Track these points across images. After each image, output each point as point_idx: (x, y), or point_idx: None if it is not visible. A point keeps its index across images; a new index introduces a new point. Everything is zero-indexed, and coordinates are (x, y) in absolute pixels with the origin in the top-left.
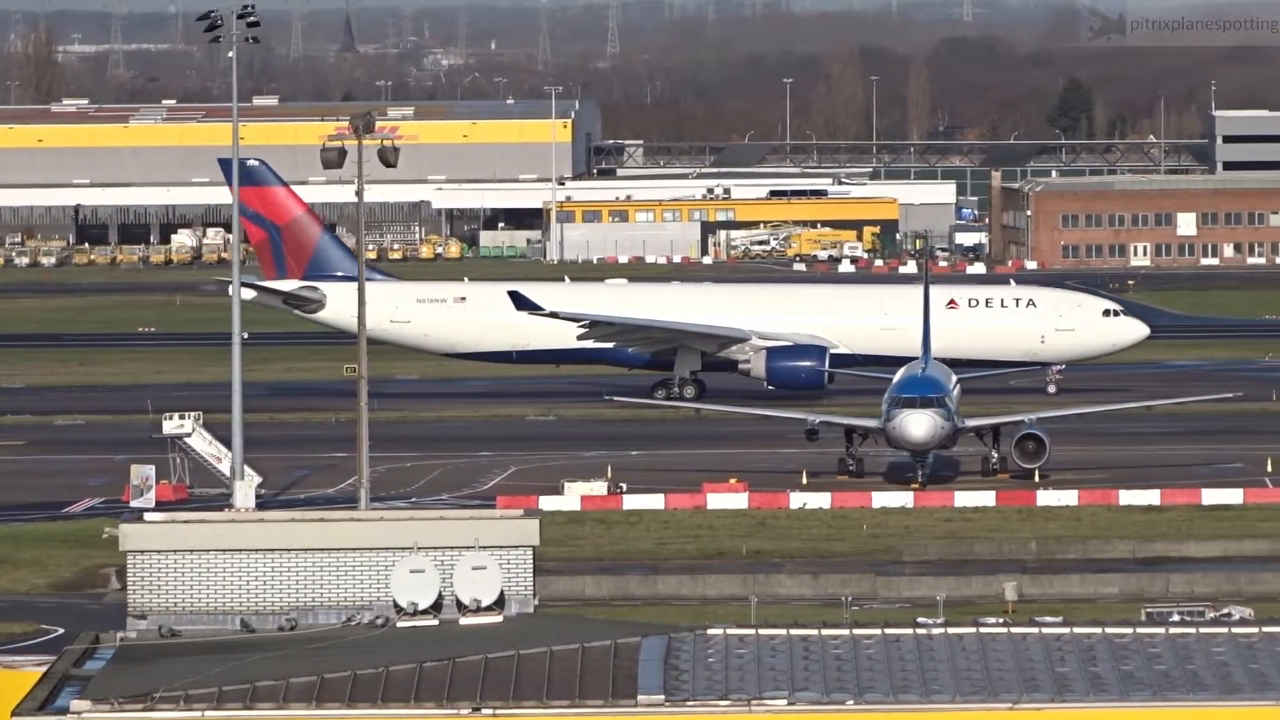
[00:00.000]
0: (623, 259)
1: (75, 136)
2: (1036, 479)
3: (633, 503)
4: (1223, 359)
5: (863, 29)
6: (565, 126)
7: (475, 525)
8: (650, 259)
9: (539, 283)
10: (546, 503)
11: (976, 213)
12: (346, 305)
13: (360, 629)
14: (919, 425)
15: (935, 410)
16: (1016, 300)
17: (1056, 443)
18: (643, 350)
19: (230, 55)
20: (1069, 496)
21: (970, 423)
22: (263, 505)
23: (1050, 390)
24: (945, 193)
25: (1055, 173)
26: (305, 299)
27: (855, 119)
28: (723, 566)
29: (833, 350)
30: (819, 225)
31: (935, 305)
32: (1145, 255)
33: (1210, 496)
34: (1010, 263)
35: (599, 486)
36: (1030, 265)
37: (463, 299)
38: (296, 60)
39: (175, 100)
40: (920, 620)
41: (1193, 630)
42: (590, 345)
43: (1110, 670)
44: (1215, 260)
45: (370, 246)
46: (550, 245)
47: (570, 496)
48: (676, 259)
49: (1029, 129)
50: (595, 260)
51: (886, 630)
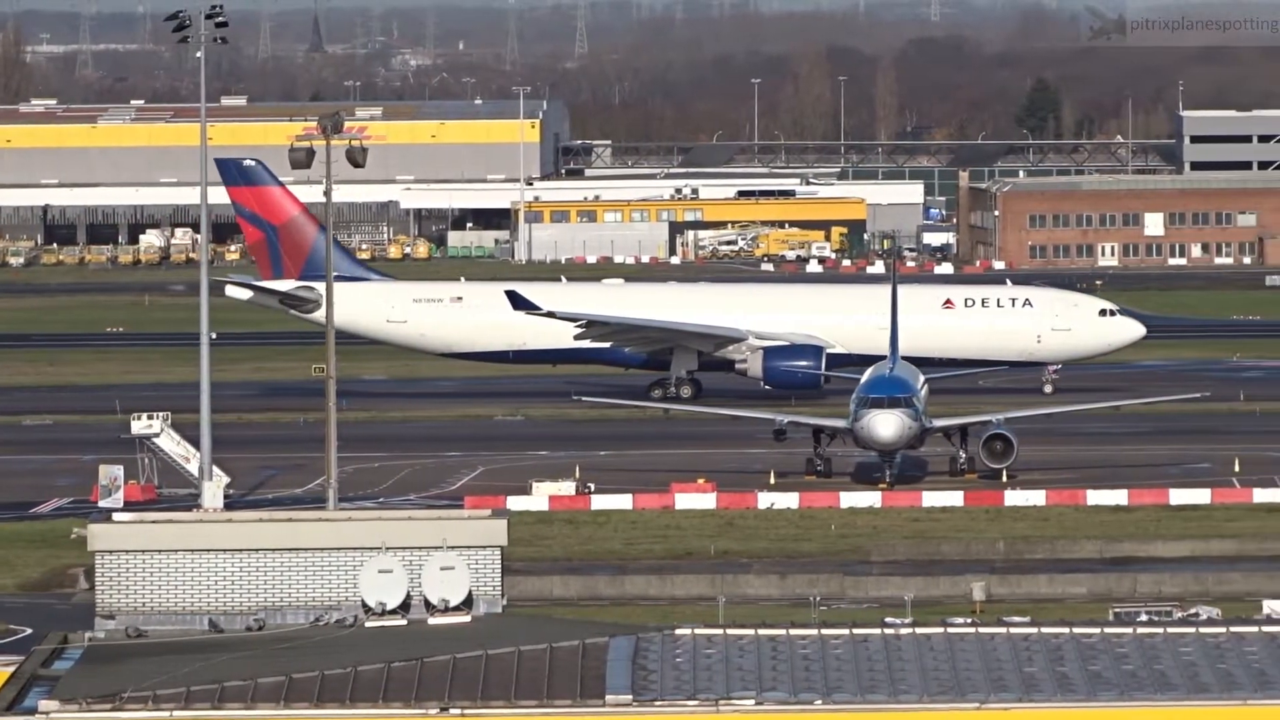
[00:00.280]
0: (590, 259)
1: (43, 136)
2: (1004, 479)
3: (601, 503)
4: (1190, 359)
5: (830, 29)
6: (533, 127)
7: (443, 525)
8: (618, 259)
9: (536, 282)
10: (514, 503)
11: (944, 213)
12: (344, 305)
13: (328, 629)
14: (887, 425)
15: (903, 410)
16: (1013, 300)
17: (1024, 443)
18: (639, 350)
19: (199, 55)
20: (1037, 496)
21: (938, 423)
22: (231, 505)
23: (1046, 390)
24: (913, 193)
25: (1023, 173)
26: (302, 299)
27: (823, 119)
28: (690, 566)
29: (829, 350)
30: (787, 225)
31: (931, 305)
32: (1113, 255)
33: (1178, 496)
34: (978, 263)
35: (567, 487)
36: (998, 265)
37: (459, 299)
38: (265, 60)
39: (144, 100)
40: (888, 620)
41: (1160, 630)
42: (587, 345)
43: (1078, 670)
44: (1183, 260)
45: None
46: (518, 245)
47: (538, 497)
48: (644, 259)
49: (996, 129)
50: (563, 260)
51: (854, 630)
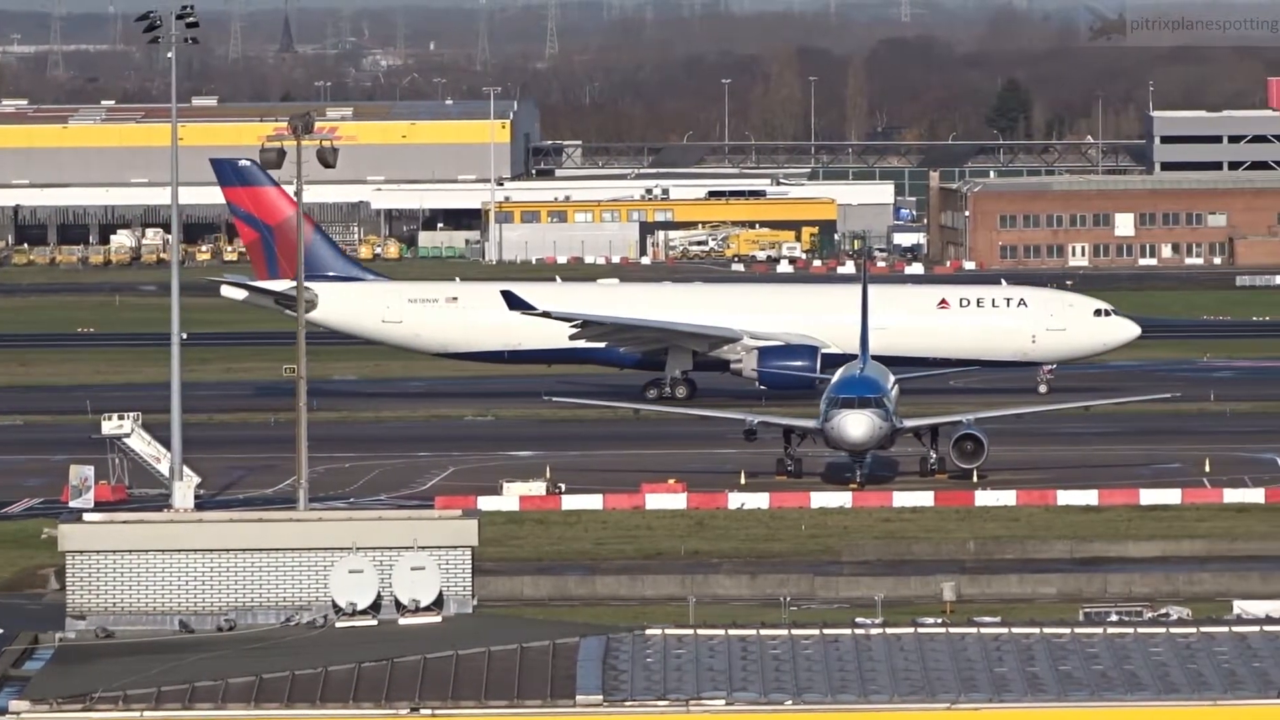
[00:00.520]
0: (561, 259)
1: (14, 137)
2: (975, 479)
3: (571, 503)
4: (1161, 359)
5: (801, 30)
6: (504, 127)
7: (414, 526)
8: (589, 259)
9: (531, 283)
10: (485, 503)
11: (914, 213)
12: (339, 305)
13: (299, 629)
14: (857, 425)
15: (873, 410)
16: (1008, 300)
17: (995, 443)
18: (634, 350)
19: (169, 56)
20: (1007, 497)
21: (908, 423)
22: (201, 506)
23: (1041, 390)
24: (883, 193)
25: (993, 173)
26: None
27: (793, 120)
28: (661, 567)
29: (824, 350)
30: (757, 226)
31: (927, 305)
32: (1083, 256)
33: (1148, 497)
34: (949, 263)
35: (537, 487)
36: (968, 266)
37: (454, 299)
38: (235, 61)
39: (114, 101)
40: (858, 620)
41: (1130, 630)
42: (582, 345)
43: (1048, 670)
44: (1153, 260)
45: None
46: (488, 246)
47: (509, 497)
48: (615, 259)
49: (967, 130)
50: (534, 261)
51: (825, 630)
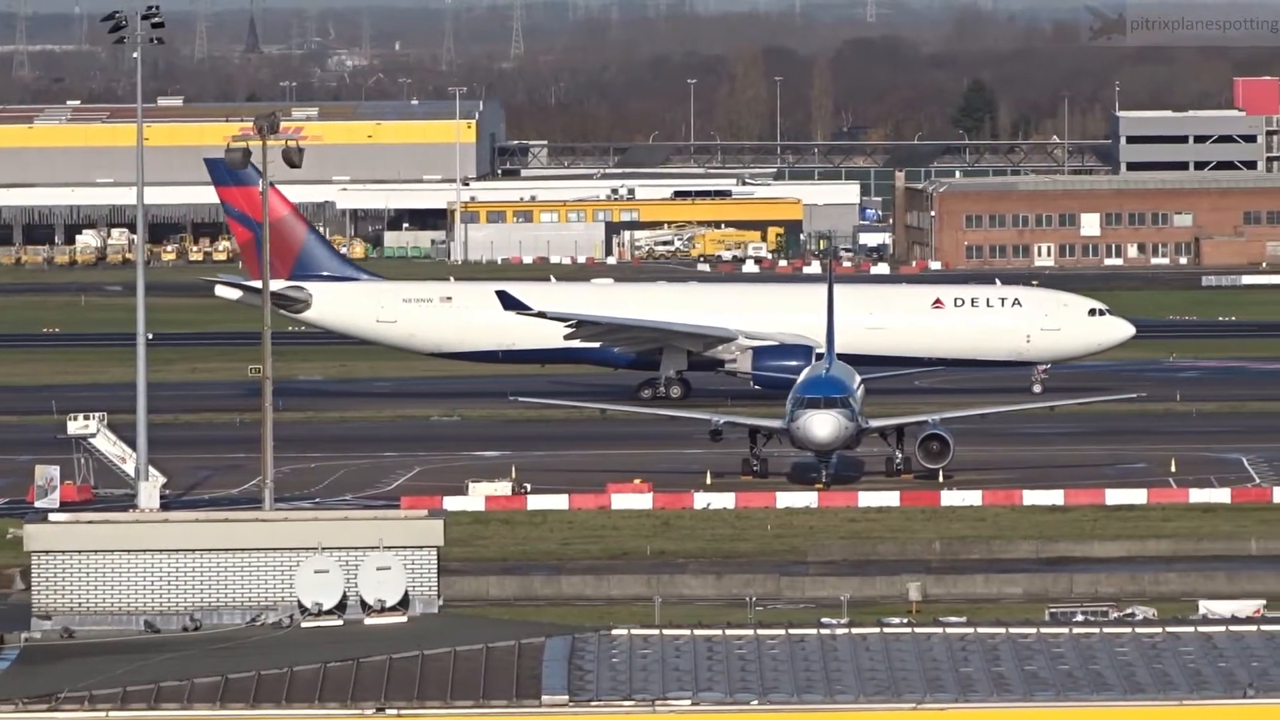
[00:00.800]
0: (527, 259)
1: None
2: (940, 479)
3: (537, 503)
4: (1127, 359)
5: (766, 30)
6: (469, 127)
7: (379, 526)
8: (554, 259)
9: (525, 282)
10: (451, 503)
11: (880, 213)
12: (333, 305)
13: (265, 629)
14: (823, 426)
15: (839, 410)
16: (1002, 300)
17: (960, 443)
18: (629, 350)
19: (135, 56)
20: (973, 497)
21: (874, 423)
22: (167, 506)
23: (1035, 390)
24: (849, 193)
25: (959, 173)
26: (291, 299)
27: (759, 120)
28: (627, 567)
29: (819, 350)
30: (723, 226)
31: (922, 305)
32: (1049, 256)
33: (1114, 497)
34: (914, 263)
35: (503, 487)
36: (934, 266)
37: (449, 299)
38: (201, 61)
39: (80, 101)
40: (824, 620)
41: (1096, 630)
42: (577, 345)
43: (1014, 670)
44: (1119, 260)
45: None
46: (454, 246)
47: (475, 497)
48: (581, 259)
49: (933, 130)
50: (499, 261)
51: (790, 630)
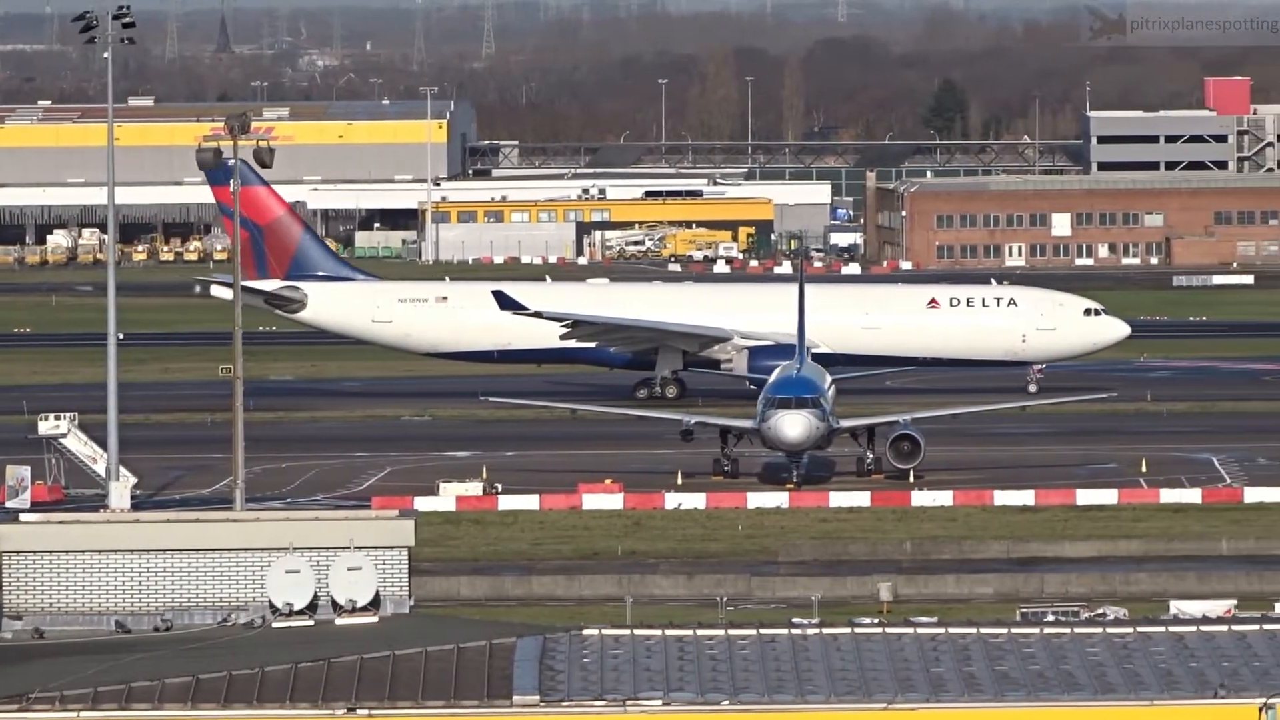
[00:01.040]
0: (498, 259)
1: None
2: (911, 479)
3: (508, 503)
4: (1098, 359)
5: (737, 30)
6: (440, 127)
7: (350, 526)
8: (526, 259)
9: (521, 282)
10: (422, 503)
11: (851, 213)
12: (329, 305)
13: (236, 629)
14: (794, 426)
15: (810, 411)
16: (998, 299)
17: (932, 443)
18: (625, 350)
19: (106, 56)
20: (944, 497)
21: (845, 423)
22: (138, 506)
23: (1031, 389)
24: (820, 193)
25: (930, 173)
26: (287, 299)
27: (730, 119)
28: (598, 567)
29: (815, 350)
30: (694, 225)
31: (917, 305)
32: (1020, 255)
33: (1085, 497)
34: (885, 263)
35: (474, 487)
36: (905, 266)
37: (444, 299)
38: (172, 61)
39: (51, 101)
40: (795, 620)
41: (1067, 630)
42: (573, 345)
43: (985, 670)
44: (1090, 260)
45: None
46: (425, 246)
47: (445, 497)
48: (552, 259)
49: (904, 130)
50: (470, 261)
51: (761, 630)
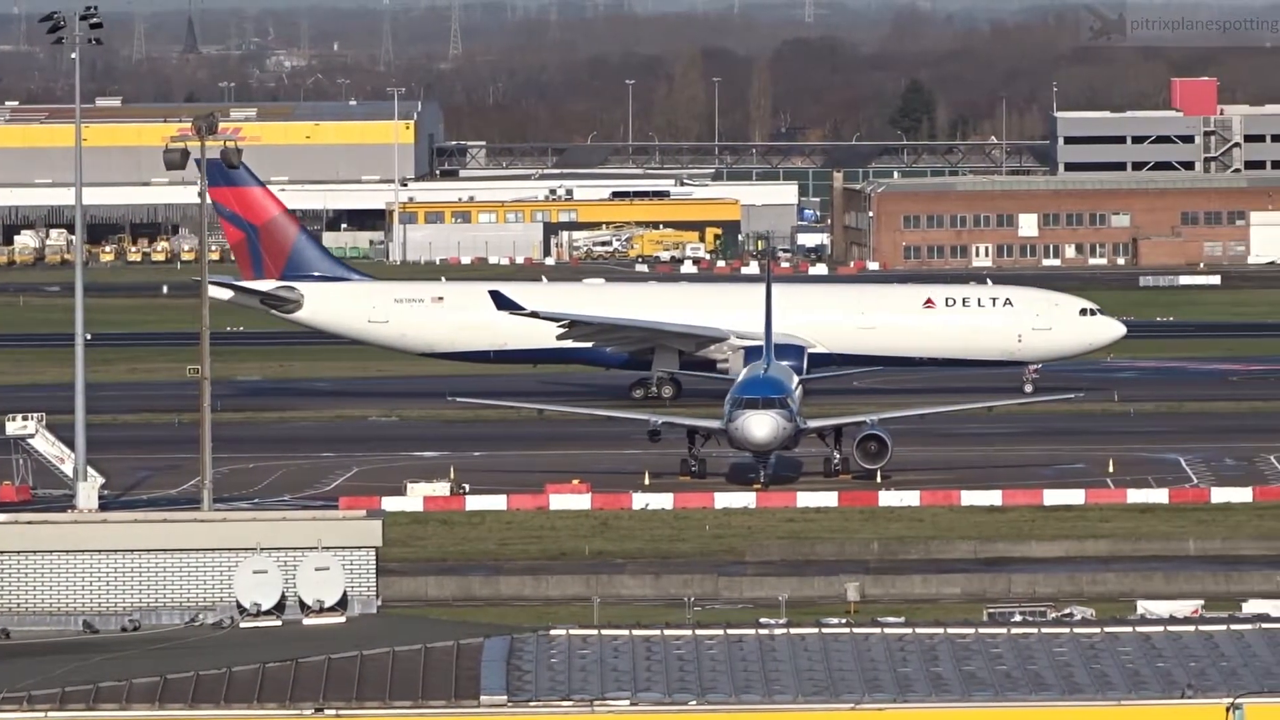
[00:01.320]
0: (465, 260)
1: None
2: (878, 479)
3: (475, 503)
4: (1065, 360)
5: (705, 30)
6: (408, 128)
7: (318, 526)
8: (493, 260)
9: (518, 282)
10: (389, 503)
11: (818, 214)
12: (325, 305)
13: (203, 629)
14: (761, 426)
15: (777, 411)
16: (993, 299)
17: (899, 443)
18: (621, 350)
19: (73, 56)
20: (911, 497)
21: (812, 423)
22: (106, 506)
23: (1027, 389)
24: (787, 194)
25: (897, 174)
26: (283, 299)
27: (697, 120)
28: (565, 567)
29: (811, 350)
30: (661, 226)
31: (913, 304)
32: (987, 256)
33: (1052, 497)
34: (852, 264)
35: (441, 487)
36: (872, 266)
37: (440, 299)
38: (139, 62)
39: (18, 101)
40: (762, 620)
41: (1034, 630)
42: (569, 345)
43: (952, 670)
44: (1057, 261)
45: (213, 247)
46: (393, 246)
47: (413, 497)
48: (519, 260)
49: (871, 130)
50: (438, 261)
51: (729, 630)
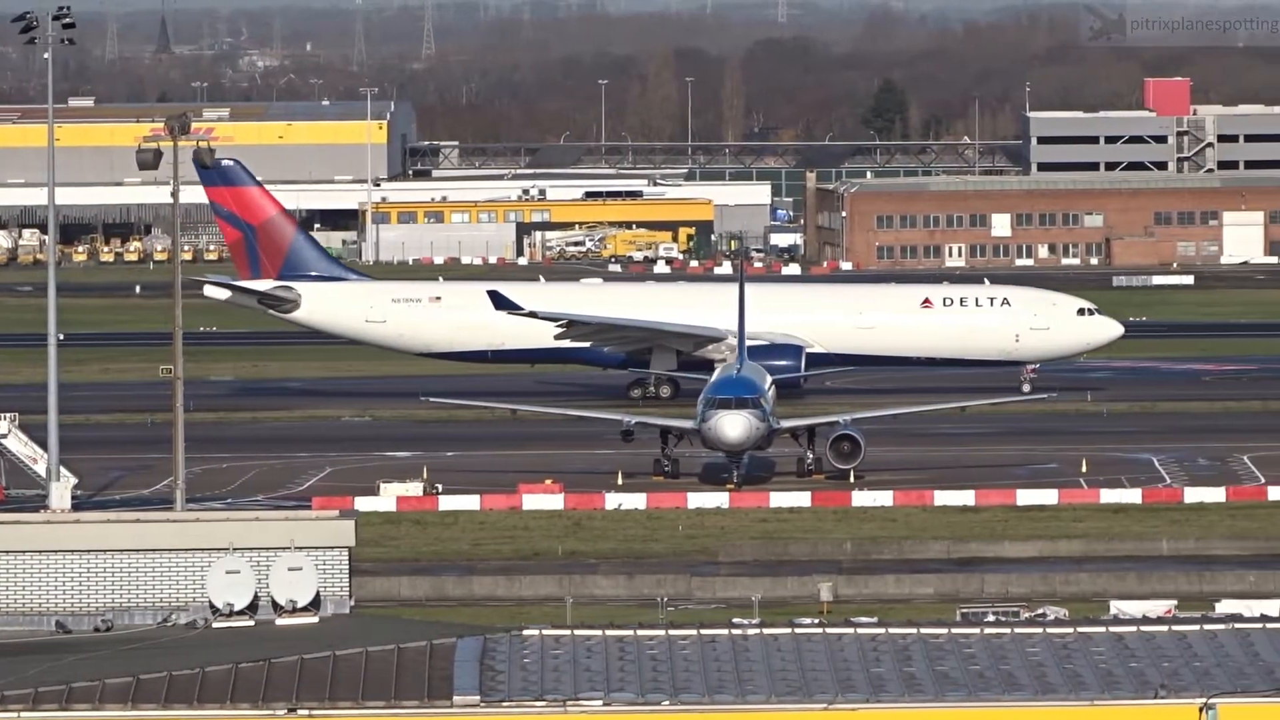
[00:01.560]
0: (438, 260)
1: None
2: (852, 479)
3: (448, 503)
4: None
5: (677, 30)
6: (380, 128)
7: (291, 526)
8: (466, 260)
9: (515, 282)
10: (362, 503)
11: (791, 214)
12: (322, 305)
13: (176, 630)
14: (734, 426)
15: (750, 411)
16: (991, 299)
17: (872, 443)
18: (619, 349)
19: (46, 56)
20: (884, 497)
21: (785, 423)
22: (79, 506)
23: (1025, 389)
24: (760, 194)
25: (870, 174)
26: (280, 299)
27: (670, 120)
28: (538, 567)
29: (808, 350)
30: (634, 226)
31: (911, 304)
32: (960, 256)
33: (1025, 497)
34: (825, 264)
35: (415, 487)
36: (845, 266)
37: (438, 299)
38: (112, 61)
39: None
40: (736, 621)
41: (1008, 630)
42: (566, 345)
43: (925, 670)
44: (1030, 261)
45: (186, 247)
46: (366, 246)
47: (386, 497)
48: (492, 260)
49: (844, 130)
50: (411, 261)
51: (702, 631)
